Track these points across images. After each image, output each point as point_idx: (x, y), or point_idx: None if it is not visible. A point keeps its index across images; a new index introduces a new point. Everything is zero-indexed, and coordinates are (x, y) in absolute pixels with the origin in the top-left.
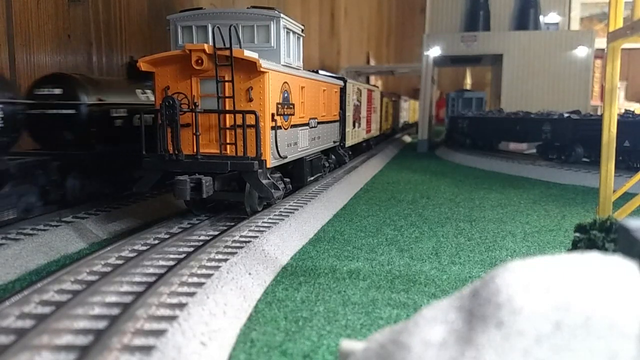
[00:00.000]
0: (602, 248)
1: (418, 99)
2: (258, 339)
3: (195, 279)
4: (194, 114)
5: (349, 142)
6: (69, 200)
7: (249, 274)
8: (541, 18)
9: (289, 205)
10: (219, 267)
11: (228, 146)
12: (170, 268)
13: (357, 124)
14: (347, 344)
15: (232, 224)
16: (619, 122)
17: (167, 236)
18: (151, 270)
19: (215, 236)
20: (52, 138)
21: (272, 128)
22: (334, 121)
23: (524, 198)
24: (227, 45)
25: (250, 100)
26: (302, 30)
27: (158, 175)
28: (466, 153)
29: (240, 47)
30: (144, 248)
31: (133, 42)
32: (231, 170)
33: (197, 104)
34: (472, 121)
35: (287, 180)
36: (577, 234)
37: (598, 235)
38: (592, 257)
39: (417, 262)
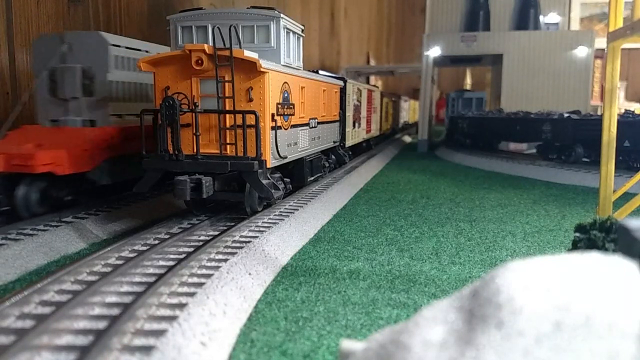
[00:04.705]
0: (602, 248)
1: (418, 99)
2: (258, 339)
3: (195, 279)
4: (194, 114)
5: (349, 142)
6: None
7: (249, 274)
8: (541, 18)
9: (289, 205)
10: (219, 267)
11: (228, 146)
12: (170, 268)
13: (357, 124)
14: (347, 344)
15: (232, 224)
16: (619, 122)
17: (167, 236)
18: (151, 271)
19: (215, 236)
20: None
21: (272, 128)
22: (334, 121)
23: (524, 198)
24: (227, 46)
25: (250, 100)
26: (302, 31)
27: (158, 176)
28: (466, 153)
29: (240, 47)
30: (144, 248)
31: None
32: (231, 171)
33: (197, 104)
34: (472, 121)
35: (287, 180)
36: (577, 234)
37: (598, 235)
38: (592, 257)
39: (417, 262)
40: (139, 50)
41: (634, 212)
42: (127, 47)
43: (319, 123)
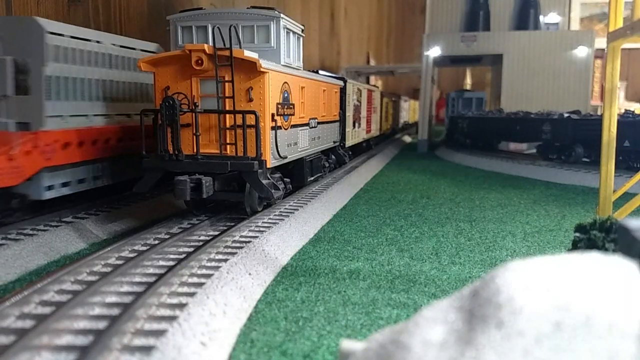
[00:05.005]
0: (602, 248)
1: (418, 99)
2: (258, 339)
3: (195, 279)
4: (194, 114)
5: (349, 142)
6: None
7: (249, 274)
8: (541, 18)
9: (289, 205)
10: (219, 267)
11: (228, 146)
12: (170, 268)
13: (357, 124)
14: (347, 344)
15: (232, 224)
16: (619, 122)
17: (167, 236)
18: (151, 271)
19: (215, 236)
20: None
21: (272, 128)
22: (334, 121)
23: (524, 198)
24: (227, 46)
25: (250, 100)
26: (302, 30)
27: (158, 176)
28: (466, 153)
29: (240, 47)
30: (144, 248)
31: None
32: (231, 171)
33: (197, 104)
34: (472, 121)
35: (287, 180)
36: (577, 234)
37: (598, 235)
38: (592, 257)
39: (417, 262)
40: (89, 40)
41: (634, 212)
42: (72, 37)
43: (319, 123)
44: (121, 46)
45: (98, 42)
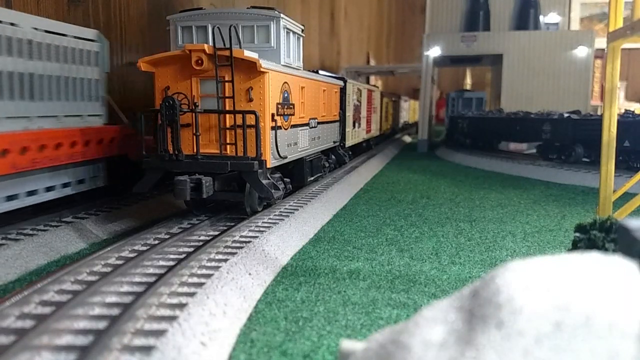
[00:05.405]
0: (602, 248)
1: (418, 99)
2: (258, 339)
3: (195, 279)
4: (194, 114)
5: (349, 142)
6: None
7: (249, 274)
8: (541, 18)
9: (289, 205)
10: (219, 267)
11: (228, 146)
12: (170, 268)
13: (357, 124)
14: (347, 344)
15: (232, 224)
16: (619, 122)
17: (167, 236)
18: (151, 271)
19: (215, 236)
20: None
21: (272, 128)
22: (334, 121)
23: (524, 198)
24: (227, 46)
25: (250, 100)
26: (302, 31)
27: (158, 176)
28: (466, 153)
29: (240, 47)
30: (144, 248)
31: (133, 42)
32: (231, 171)
33: (197, 104)
34: (472, 121)
35: (287, 180)
36: (577, 234)
37: (598, 235)
38: (592, 257)
39: (417, 262)
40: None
41: (634, 212)
42: None
43: (319, 123)
44: (47, 31)
45: (13, 24)
